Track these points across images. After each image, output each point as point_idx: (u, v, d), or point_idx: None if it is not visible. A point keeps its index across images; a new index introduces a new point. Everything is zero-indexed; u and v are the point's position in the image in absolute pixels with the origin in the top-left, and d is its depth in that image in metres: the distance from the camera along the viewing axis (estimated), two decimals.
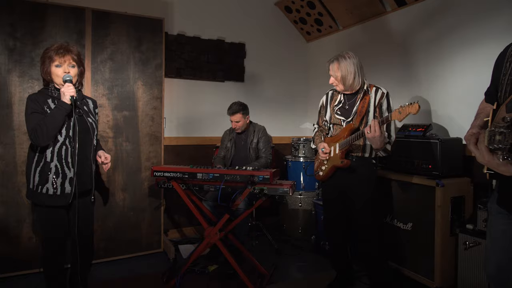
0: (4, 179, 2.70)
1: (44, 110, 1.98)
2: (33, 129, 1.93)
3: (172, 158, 3.67)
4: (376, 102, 2.33)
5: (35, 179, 2.00)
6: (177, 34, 3.73)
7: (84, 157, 2.09)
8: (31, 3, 2.79)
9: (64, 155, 2.01)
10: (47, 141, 1.96)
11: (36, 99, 2.01)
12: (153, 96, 3.23)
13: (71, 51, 2.03)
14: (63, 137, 2.01)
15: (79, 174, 2.03)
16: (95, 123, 2.17)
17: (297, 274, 2.91)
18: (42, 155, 2.00)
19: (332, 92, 2.55)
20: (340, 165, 2.33)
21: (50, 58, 1.99)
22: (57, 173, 2.01)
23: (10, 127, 2.73)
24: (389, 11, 3.40)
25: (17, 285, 2.60)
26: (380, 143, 2.13)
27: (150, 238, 3.23)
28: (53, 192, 2.00)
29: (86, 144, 2.09)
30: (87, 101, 2.22)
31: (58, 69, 1.99)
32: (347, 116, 2.39)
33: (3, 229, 2.70)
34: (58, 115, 1.93)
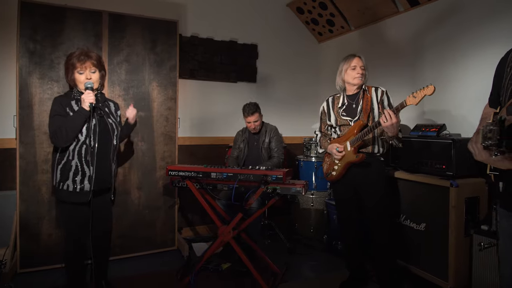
0: (25, 178, 2.77)
1: (66, 112, 2.08)
2: (54, 131, 2.04)
3: (186, 157, 3.70)
4: (378, 99, 2.42)
5: (57, 176, 2.09)
6: (190, 36, 3.76)
7: (103, 156, 2.15)
8: (51, 6, 2.85)
9: (84, 154, 2.09)
10: (66, 143, 2.05)
11: (61, 102, 2.12)
12: (168, 97, 3.27)
13: (91, 57, 2.13)
14: (83, 137, 2.09)
15: (98, 173, 2.09)
16: (115, 124, 2.24)
17: (309, 273, 2.90)
18: (64, 153, 2.09)
19: (332, 97, 2.62)
20: (356, 160, 2.36)
21: (73, 66, 2.11)
22: (77, 171, 2.08)
23: (30, 127, 2.79)
24: (402, 11, 3.36)
25: (38, 280, 2.65)
26: (396, 129, 2.20)
27: (164, 236, 3.26)
28: (73, 189, 2.08)
29: (106, 144, 2.16)
30: (109, 103, 2.32)
31: (81, 75, 2.11)
32: (354, 115, 2.45)
33: (24, 226, 2.76)
34: (77, 120, 2.04)
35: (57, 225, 2.85)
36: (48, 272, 2.77)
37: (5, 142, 3.05)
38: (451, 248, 2.34)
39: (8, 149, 3.05)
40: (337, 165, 2.49)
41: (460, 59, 2.80)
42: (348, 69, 2.43)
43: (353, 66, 2.41)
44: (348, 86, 2.50)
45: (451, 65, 2.87)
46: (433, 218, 2.48)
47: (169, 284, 2.60)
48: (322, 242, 3.38)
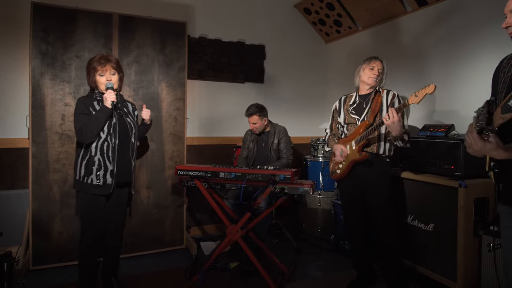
0: (37, 177, 2.81)
1: (89, 111, 2.22)
2: (79, 129, 2.18)
3: (194, 157, 3.72)
4: (389, 101, 2.44)
5: (81, 171, 2.22)
6: (199, 37, 3.77)
7: (123, 153, 2.30)
8: (62, 8, 2.89)
9: (105, 150, 2.23)
10: (91, 139, 2.19)
11: (84, 102, 2.26)
12: (176, 97, 3.29)
13: (111, 60, 2.28)
14: (105, 135, 2.22)
15: (119, 168, 2.26)
16: (133, 123, 2.38)
17: (317, 273, 2.90)
18: (88, 149, 2.22)
19: (345, 96, 2.65)
20: (359, 158, 2.38)
21: (94, 69, 2.25)
22: (100, 166, 2.22)
23: (42, 127, 2.83)
24: (410, 11, 3.34)
25: (50, 277, 2.68)
26: (400, 129, 2.21)
27: (173, 234, 3.28)
28: (96, 183, 2.21)
29: (125, 141, 2.31)
30: (127, 104, 2.45)
31: (101, 77, 2.25)
32: (361, 114, 2.48)
33: (36, 224, 2.80)
34: (100, 117, 2.18)
35: (68, 223, 2.89)
36: (59, 269, 2.80)
37: (18, 142, 3.10)
38: (460, 249, 2.32)
39: (21, 149, 3.09)
40: (342, 163, 2.52)
41: (469, 59, 2.77)
42: (366, 68, 2.47)
43: (372, 66, 2.46)
44: (361, 84, 2.52)
45: (459, 65, 2.84)
46: (441, 218, 2.46)
47: (178, 282, 2.61)
48: (329, 242, 3.37)
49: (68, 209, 2.89)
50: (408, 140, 2.40)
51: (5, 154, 3.09)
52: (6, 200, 3.00)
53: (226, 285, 2.61)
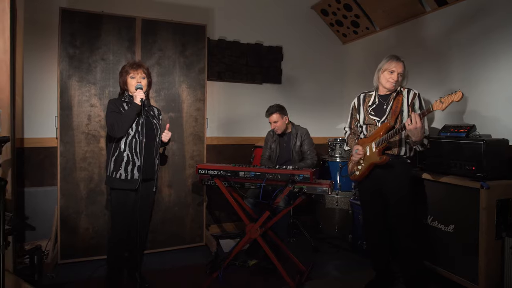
0: (65, 174, 2.89)
1: (120, 110, 2.37)
2: (111, 124, 2.30)
3: (213, 156, 3.75)
4: (409, 102, 2.35)
5: (111, 166, 2.33)
6: (218, 39, 3.80)
7: (149, 151, 2.41)
8: (89, 14, 2.96)
9: (134, 146, 2.34)
10: (122, 133, 2.30)
11: (115, 102, 2.39)
12: (197, 98, 3.32)
13: (143, 66, 2.46)
14: (133, 132, 2.34)
15: (145, 164, 2.36)
16: (158, 125, 2.49)
17: (335, 272, 2.88)
18: (117, 146, 2.34)
19: (364, 94, 2.56)
20: (379, 161, 2.32)
21: (127, 72, 2.41)
22: (128, 161, 2.33)
23: (70, 127, 2.91)
24: (429, 11, 3.27)
25: (76, 271, 2.76)
26: (421, 135, 2.15)
27: (193, 232, 3.32)
28: (124, 177, 2.32)
29: (151, 140, 2.41)
30: (154, 108, 2.57)
31: (132, 80, 2.39)
32: (381, 116, 2.40)
33: (64, 220, 2.88)
34: (130, 113, 2.32)
35: (94, 220, 2.96)
36: (85, 263, 2.88)
37: (47, 141, 3.20)
38: (482, 251, 2.26)
39: (50, 148, 3.19)
40: (361, 165, 2.46)
41: (491, 59, 2.70)
42: (386, 70, 2.36)
43: (392, 70, 2.34)
44: (380, 86, 2.45)
45: (481, 66, 2.77)
46: (462, 219, 2.41)
47: (199, 278, 2.64)
48: (346, 242, 3.34)
49: (93, 206, 2.96)
50: (427, 145, 2.33)
51: (34, 153, 3.19)
52: (35, 197, 3.11)
53: (245, 282, 2.62)
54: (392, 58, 2.37)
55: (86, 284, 2.54)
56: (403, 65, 2.36)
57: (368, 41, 4.08)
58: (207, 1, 3.76)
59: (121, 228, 2.36)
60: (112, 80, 3.01)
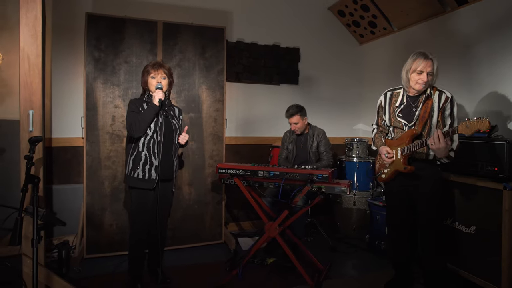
0: (90, 173, 2.97)
1: (139, 110, 2.35)
2: (130, 123, 2.32)
3: (231, 156, 3.78)
4: (440, 106, 2.16)
5: (130, 165, 2.35)
6: (236, 41, 3.83)
7: (167, 151, 2.40)
8: (113, 18, 3.03)
9: (152, 146, 2.34)
10: (140, 133, 2.31)
11: (135, 102, 2.41)
12: (216, 99, 3.35)
13: (163, 66, 2.43)
14: (151, 132, 2.34)
15: (163, 164, 2.35)
16: (177, 125, 2.49)
17: (352, 272, 2.85)
18: (136, 145, 2.35)
19: (391, 92, 2.39)
20: (404, 171, 2.23)
21: (148, 72, 2.41)
22: (146, 161, 2.33)
23: (95, 127, 2.99)
24: (448, 10, 3.20)
25: (101, 265, 2.83)
26: (445, 153, 2.04)
27: (212, 229, 3.35)
28: (142, 176, 2.32)
29: (169, 140, 2.40)
30: (174, 108, 2.56)
31: (153, 80, 2.39)
32: (409, 120, 2.23)
33: (90, 216, 2.96)
34: (148, 113, 2.31)
35: (117, 216, 3.03)
36: (110, 258, 2.95)
37: (74, 141, 3.30)
38: (505, 253, 2.20)
39: (76, 147, 3.29)
40: (387, 168, 2.38)
41: None
42: (414, 72, 2.15)
43: (420, 70, 2.12)
44: (409, 87, 2.27)
45: (503, 65, 2.69)
46: (484, 221, 2.34)
47: (218, 275, 2.66)
48: (364, 242, 3.31)
49: (117, 203, 3.03)
50: (454, 157, 2.17)
51: (61, 152, 3.29)
52: (62, 194, 3.21)
53: (264, 279, 2.63)
54: (419, 56, 2.13)
55: (110, 278, 2.60)
56: (433, 62, 2.12)
57: (386, 41, 4.02)
58: (226, 4, 3.79)
59: (140, 227, 2.37)
60: (135, 82, 3.07)
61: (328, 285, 2.54)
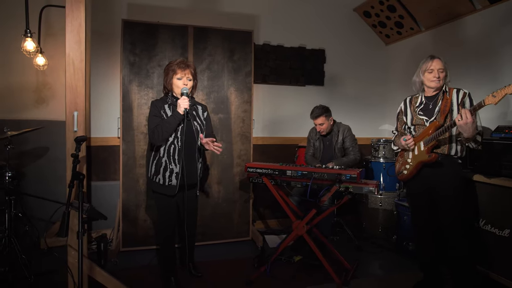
0: (126, 170, 3.07)
1: (160, 114, 2.25)
2: (152, 130, 2.21)
3: (258, 155, 3.80)
4: (459, 101, 2.22)
5: (152, 170, 2.29)
6: (263, 44, 3.85)
7: (189, 156, 2.28)
8: (147, 24, 3.12)
9: (172, 153, 2.25)
10: (161, 142, 2.22)
11: (156, 104, 2.30)
12: (244, 100, 3.38)
13: (190, 66, 2.29)
14: (172, 138, 2.24)
15: (186, 170, 2.23)
16: (200, 126, 2.36)
17: (379, 272, 2.80)
18: (157, 151, 2.28)
19: (410, 97, 2.46)
20: (428, 159, 2.21)
21: (174, 71, 2.26)
22: (166, 167, 2.25)
23: (131, 127, 3.09)
24: (479, 9, 3.09)
25: (136, 258, 2.92)
26: (472, 130, 2.03)
27: (240, 227, 3.39)
28: (162, 182, 2.25)
29: (191, 145, 2.29)
30: (197, 106, 2.44)
31: (179, 81, 2.26)
32: (430, 116, 2.28)
33: (126, 212, 3.07)
34: (172, 123, 2.18)
35: (151, 212, 3.12)
36: (144, 251, 3.04)
37: (111, 140, 3.43)
38: None
39: (113, 146, 3.42)
40: (409, 164, 2.36)
41: None
42: (425, 71, 2.27)
43: (430, 69, 2.24)
44: (426, 87, 2.34)
45: None
46: None
47: (247, 270, 2.69)
48: (390, 242, 3.24)
49: (150, 200, 3.12)
50: (481, 142, 2.19)
51: (99, 151, 3.43)
52: (100, 190, 3.34)
53: (291, 276, 2.63)
54: (427, 58, 2.30)
55: (145, 271, 2.68)
56: (440, 60, 2.24)
57: (412, 41, 3.93)
58: (253, 8, 3.82)
59: (166, 227, 2.34)
60: None
61: (355, 284, 2.51)
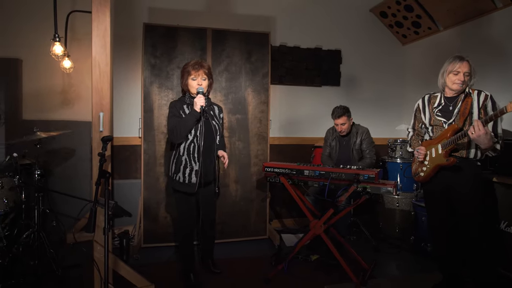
0: (147, 169, 3.13)
1: (180, 114, 2.31)
2: (171, 129, 2.28)
3: (275, 155, 3.80)
4: (480, 104, 2.11)
5: (172, 168, 2.34)
6: (279, 45, 3.85)
7: (208, 153, 2.34)
8: (167, 27, 3.17)
9: (192, 151, 2.30)
10: (180, 140, 2.27)
11: (175, 105, 2.36)
12: (261, 101, 3.39)
13: (204, 66, 2.33)
14: (192, 136, 2.30)
15: (204, 167, 2.29)
16: (217, 125, 2.41)
17: (397, 272, 2.76)
18: (177, 150, 2.33)
19: (429, 95, 2.36)
20: (446, 163, 2.14)
21: (188, 73, 2.32)
22: (186, 165, 2.30)
23: (151, 128, 3.14)
24: (500, 7, 3.00)
25: (157, 254, 2.97)
26: (488, 141, 1.94)
27: (257, 225, 3.39)
28: (183, 180, 2.30)
29: (210, 143, 2.34)
30: (214, 107, 2.49)
31: (193, 81, 2.31)
32: (449, 118, 2.19)
33: (147, 209, 3.12)
34: (189, 120, 2.23)
35: (171, 210, 3.17)
36: (165, 248, 3.09)
37: (132, 140, 3.49)
38: None
39: (135, 146, 3.48)
40: (426, 166, 2.29)
41: None
42: (450, 73, 2.15)
43: (456, 71, 2.12)
44: (447, 88, 2.24)
45: None
46: None
47: (265, 268, 2.69)
48: (408, 243, 3.18)
49: (170, 198, 3.16)
50: (500, 149, 2.08)
51: (121, 150, 3.50)
52: (122, 188, 3.41)
53: (309, 275, 2.62)
54: (455, 59, 2.15)
55: (166, 267, 2.72)
56: (469, 63, 2.12)
57: (430, 41, 3.85)
58: (270, 10, 3.82)
59: (185, 226, 2.38)
60: None
61: (373, 284, 2.48)
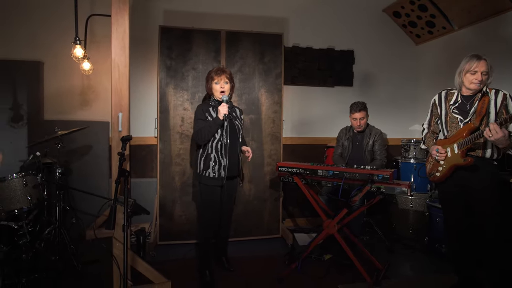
0: (163, 168, 3.16)
1: (205, 116, 2.46)
2: (196, 132, 2.43)
3: (287, 155, 3.80)
4: (498, 104, 2.06)
5: (201, 166, 2.47)
6: (292, 46, 3.84)
7: (233, 150, 2.48)
8: (182, 29, 3.20)
9: (219, 148, 2.44)
10: (203, 142, 2.44)
11: (202, 108, 2.51)
12: (274, 102, 3.39)
13: (225, 71, 2.50)
14: (219, 135, 2.44)
15: (230, 163, 2.45)
16: (240, 125, 2.57)
17: (411, 273, 2.71)
18: (205, 148, 2.46)
19: (446, 92, 2.29)
20: (463, 163, 2.09)
21: (211, 78, 2.48)
22: (215, 161, 2.44)
23: (167, 128, 3.18)
24: None
25: (172, 251, 3.00)
26: (505, 142, 1.91)
27: (270, 224, 3.40)
28: (212, 175, 2.44)
29: (234, 141, 2.49)
30: (235, 109, 2.64)
31: (217, 85, 2.47)
32: (465, 116, 2.14)
33: (162, 207, 3.16)
34: (213, 127, 2.40)
35: (186, 208, 3.20)
36: (180, 245, 3.12)
37: (149, 140, 3.54)
38: None
39: (151, 145, 3.53)
40: (442, 166, 2.24)
41: None
42: (468, 72, 2.10)
43: (474, 70, 2.07)
44: (464, 87, 2.18)
45: None
46: None
47: (278, 267, 2.69)
48: (421, 244, 3.13)
49: (186, 196, 3.20)
50: None
51: (138, 150, 3.55)
52: (138, 187, 3.46)
53: (322, 274, 2.60)
54: (472, 58, 2.09)
55: (181, 263, 2.75)
56: (486, 62, 2.06)
57: (444, 41, 3.77)
58: (283, 11, 3.82)
59: (210, 218, 2.47)
60: (201, 87, 3.21)
61: (387, 284, 2.44)
